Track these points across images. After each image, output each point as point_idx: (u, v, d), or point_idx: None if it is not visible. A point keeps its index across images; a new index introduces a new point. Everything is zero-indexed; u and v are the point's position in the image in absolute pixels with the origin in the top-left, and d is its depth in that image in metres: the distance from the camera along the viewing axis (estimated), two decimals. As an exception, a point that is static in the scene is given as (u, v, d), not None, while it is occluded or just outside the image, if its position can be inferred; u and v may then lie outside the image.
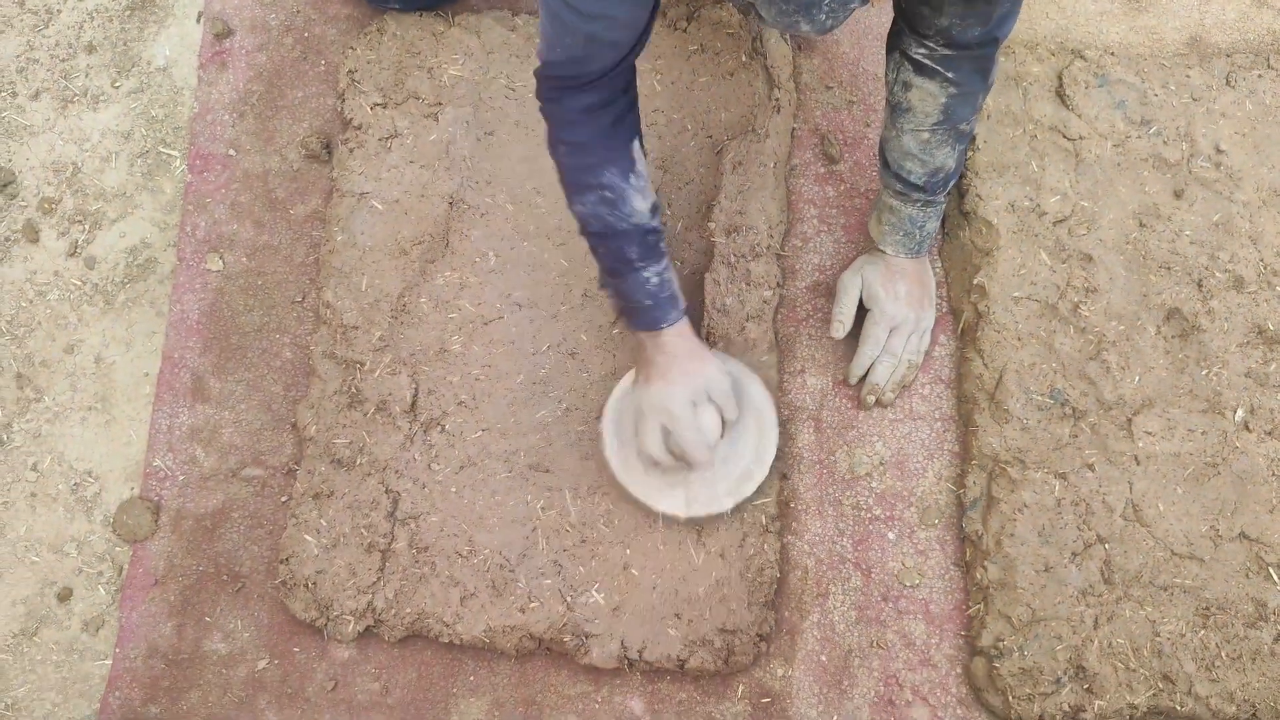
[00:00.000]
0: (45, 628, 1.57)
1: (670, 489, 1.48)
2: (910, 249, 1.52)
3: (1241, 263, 1.56)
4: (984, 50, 1.32)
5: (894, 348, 1.55)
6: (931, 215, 1.50)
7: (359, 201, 1.62)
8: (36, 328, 1.68)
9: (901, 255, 1.53)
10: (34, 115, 1.76)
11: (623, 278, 1.35)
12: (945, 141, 1.41)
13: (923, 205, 1.48)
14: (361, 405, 1.55)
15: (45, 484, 1.62)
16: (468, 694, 1.51)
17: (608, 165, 1.29)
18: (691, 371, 1.41)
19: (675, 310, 1.38)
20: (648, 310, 1.37)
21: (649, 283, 1.35)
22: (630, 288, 1.36)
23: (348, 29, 1.76)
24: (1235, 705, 1.44)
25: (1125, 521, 1.48)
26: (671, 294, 1.38)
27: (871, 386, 1.56)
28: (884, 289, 1.54)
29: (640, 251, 1.33)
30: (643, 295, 1.36)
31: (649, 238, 1.34)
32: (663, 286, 1.37)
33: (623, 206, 1.30)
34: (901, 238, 1.51)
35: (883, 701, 1.50)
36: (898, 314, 1.54)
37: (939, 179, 1.45)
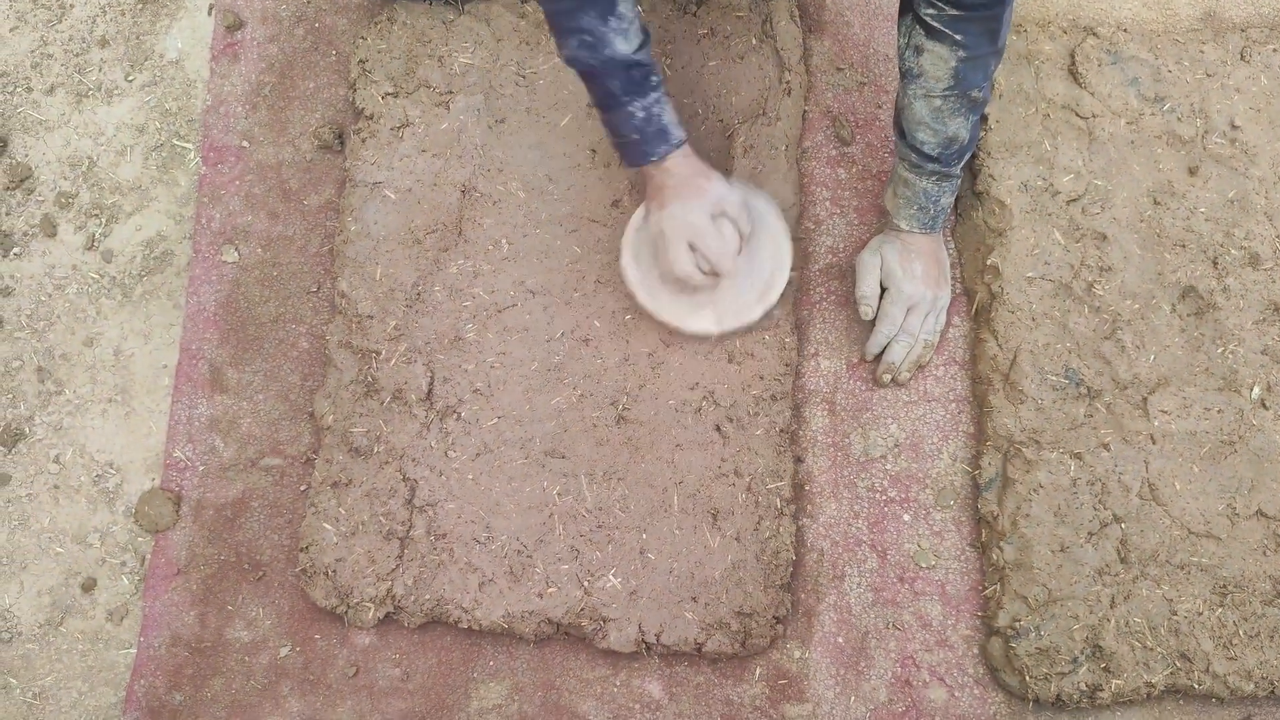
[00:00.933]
0: (70, 618, 1.59)
1: (698, 309, 1.53)
2: (925, 224, 1.52)
3: (1257, 239, 1.55)
4: (991, 11, 1.32)
5: (911, 327, 1.56)
6: (946, 190, 1.49)
7: (372, 191, 1.63)
8: (56, 321, 1.69)
9: (916, 230, 1.53)
10: (49, 110, 1.77)
11: (610, 112, 1.40)
12: (958, 110, 1.40)
13: (938, 179, 1.48)
14: (378, 394, 1.56)
15: (67, 476, 1.64)
16: (487, 679, 1.53)
17: (586, 9, 1.32)
18: (704, 188, 1.45)
19: (665, 144, 1.42)
20: (635, 145, 1.42)
21: (634, 117, 1.39)
22: (618, 122, 1.40)
23: (358, 19, 1.76)
24: (1253, 683, 1.44)
25: (1141, 501, 1.48)
26: (660, 129, 1.41)
27: (888, 365, 1.57)
28: (901, 268, 1.54)
29: (624, 86, 1.36)
30: (629, 129, 1.40)
31: (633, 72, 1.36)
32: (649, 121, 1.40)
33: (603, 49, 1.33)
34: (916, 211, 1.51)
35: (900, 682, 1.50)
36: (915, 293, 1.54)
37: (953, 150, 1.44)
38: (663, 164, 1.43)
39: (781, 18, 1.67)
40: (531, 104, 1.66)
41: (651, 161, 1.43)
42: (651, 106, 1.39)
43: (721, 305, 1.53)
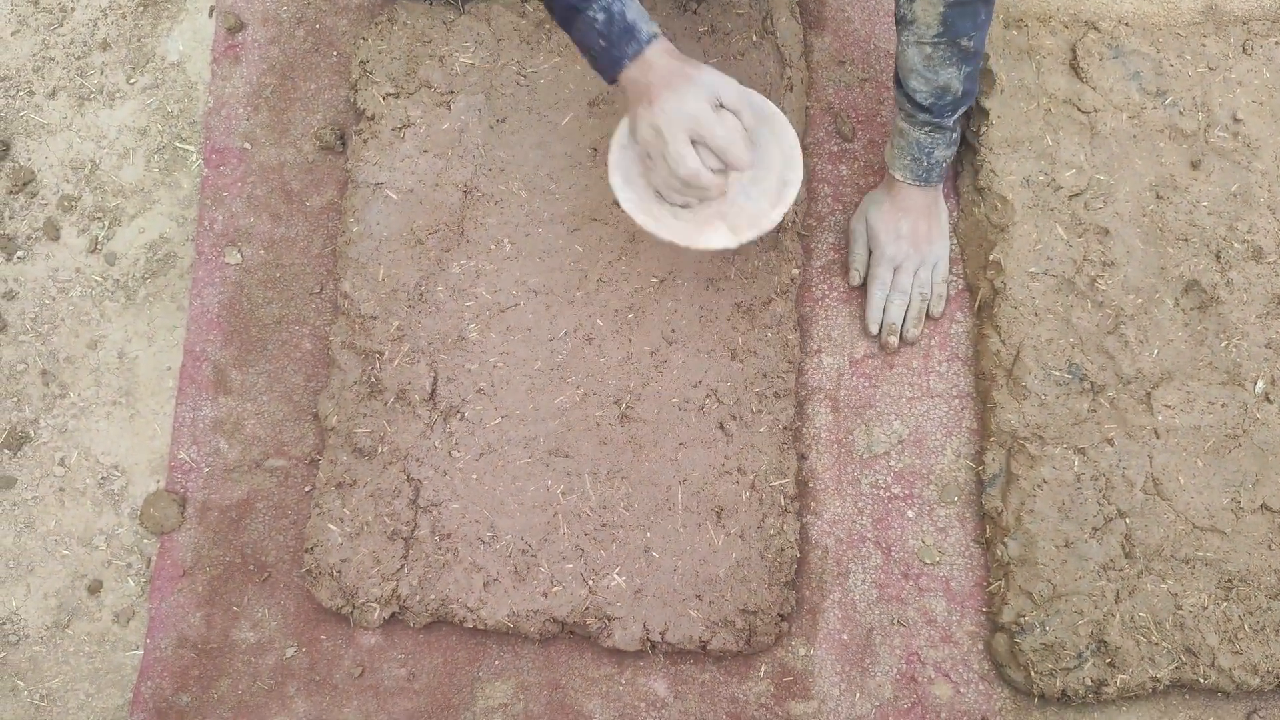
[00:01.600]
0: (77, 620, 1.60)
1: (708, 223, 1.38)
2: (918, 175, 1.52)
3: (1260, 233, 1.55)
4: None
5: (901, 285, 1.57)
6: (940, 142, 1.50)
7: (374, 192, 1.63)
8: (60, 324, 1.70)
9: (910, 182, 1.53)
10: (51, 114, 1.78)
11: (572, 25, 1.31)
12: (949, 59, 1.40)
13: (930, 129, 1.48)
14: (381, 395, 1.57)
15: (73, 479, 1.64)
16: (492, 678, 1.53)
17: None
18: (694, 76, 1.29)
19: (635, 42, 1.29)
20: (605, 51, 1.30)
21: (597, 21, 1.28)
22: (582, 33, 1.31)
23: (359, 19, 1.76)
24: (1259, 677, 1.43)
25: (1146, 495, 1.48)
26: (626, 27, 1.29)
27: (888, 326, 1.58)
28: (884, 229, 1.56)
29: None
30: (595, 37, 1.29)
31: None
32: (612, 22, 1.28)
33: None
34: (909, 162, 1.52)
35: (905, 678, 1.51)
36: (898, 253, 1.56)
37: (946, 101, 1.44)
38: (641, 60, 1.29)
39: (782, 14, 1.67)
40: (533, 103, 1.66)
41: (626, 66, 1.30)
42: (611, 6, 1.28)
43: (733, 214, 1.37)
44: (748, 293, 1.57)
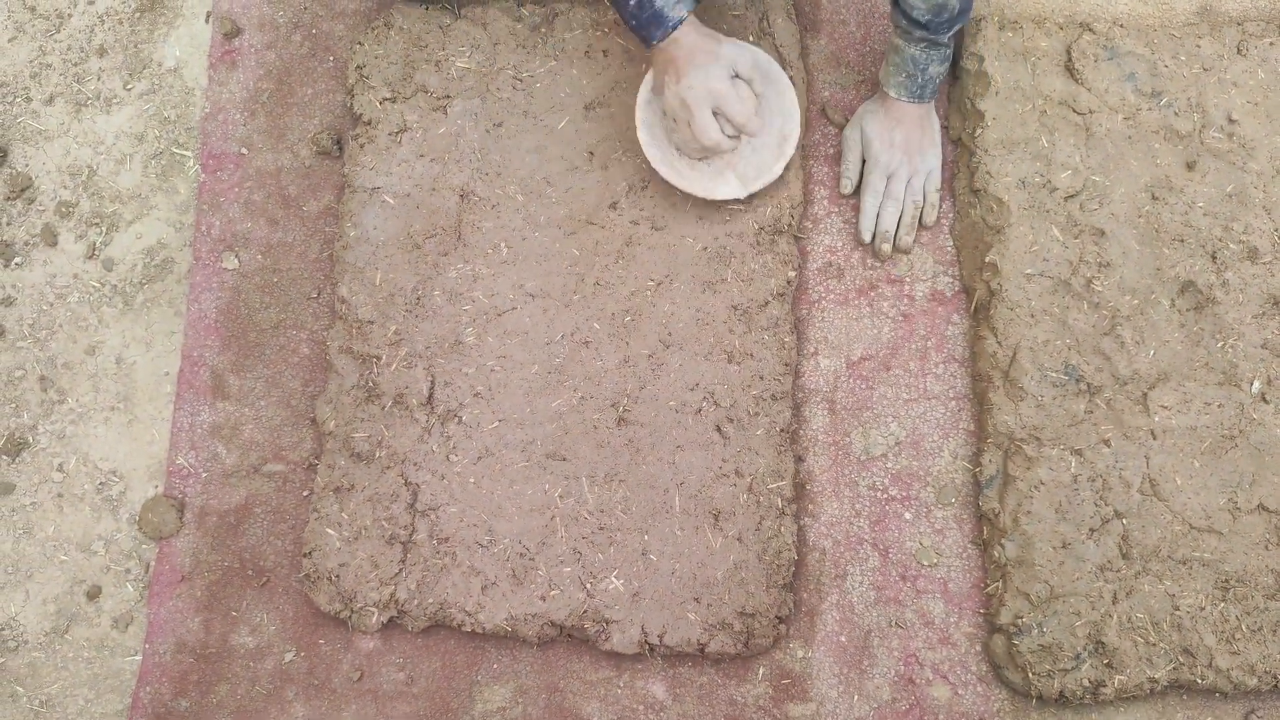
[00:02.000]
0: (76, 625, 1.60)
1: (720, 175, 1.56)
2: (913, 92, 1.55)
3: (1256, 233, 1.55)
4: None
5: (894, 193, 1.60)
6: (934, 58, 1.53)
7: (371, 196, 1.63)
8: (58, 330, 1.70)
9: (904, 99, 1.56)
10: (49, 120, 1.78)
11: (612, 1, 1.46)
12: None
13: (926, 45, 1.51)
14: (379, 399, 1.57)
15: (71, 484, 1.64)
16: (491, 681, 1.53)
17: None
18: (716, 53, 1.48)
19: (661, 29, 1.45)
20: (636, 30, 1.46)
21: (629, 5, 1.44)
22: (618, 10, 1.47)
23: (355, 24, 1.76)
24: (1257, 677, 1.44)
25: (1143, 496, 1.48)
26: (654, 14, 1.44)
27: (881, 234, 1.61)
28: (878, 138, 1.59)
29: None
30: (628, 16, 1.46)
31: None
32: (642, 8, 1.44)
33: None
34: (904, 79, 1.54)
35: (903, 680, 1.51)
36: (891, 161, 1.59)
37: (943, 19, 1.47)
38: (670, 39, 1.46)
39: (778, 15, 1.67)
40: (529, 107, 1.66)
41: (654, 45, 1.46)
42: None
43: (741, 167, 1.56)
44: (744, 295, 1.57)
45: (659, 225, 1.60)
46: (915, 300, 1.62)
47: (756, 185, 1.55)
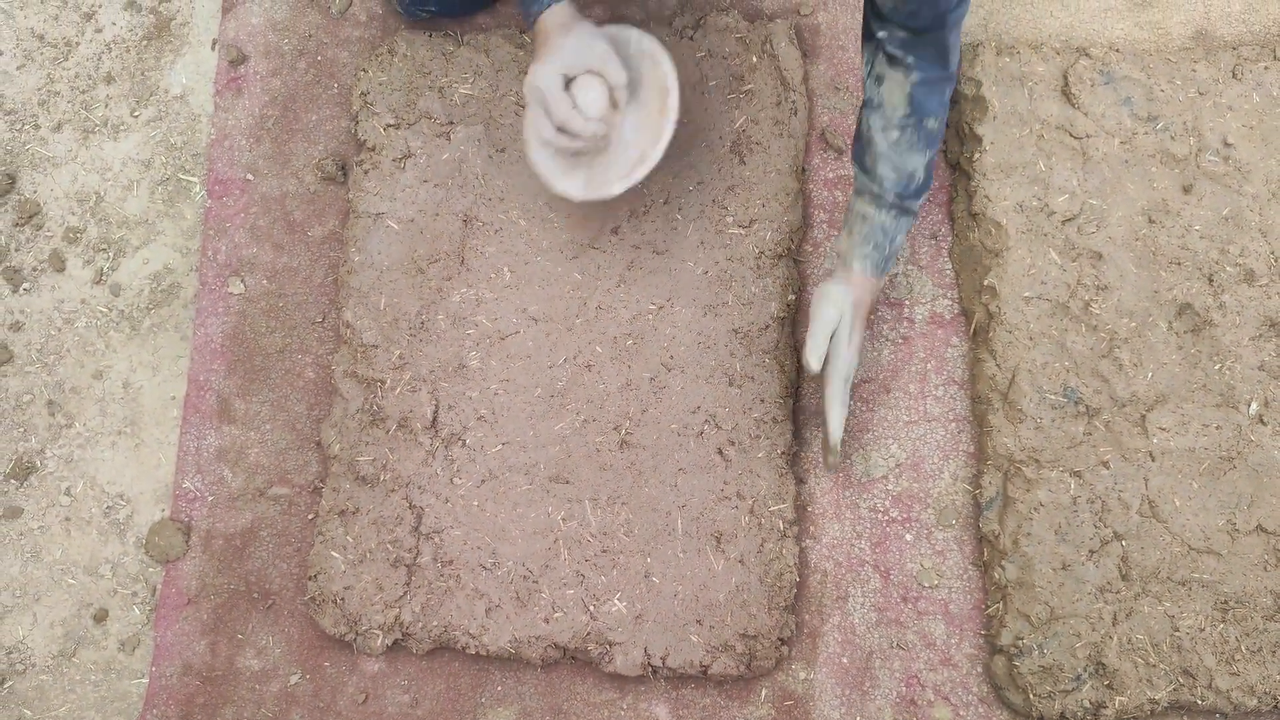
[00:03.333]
0: (83, 648, 1.61)
1: (573, 170, 1.50)
2: (877, 265, 1.47)
3: (1252, 256, 1.56)
4: (936, 33, 1.34)
5: (847, 398, 1.52)
6: (902, 227, 1.47)
7: (375, 222, 1.65)
8: (65, 355, 1.71)
9: (869, 273, 1.47)
10: (57, 147, 1.80)
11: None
12: (915, 144, 1.41)
13: (897, 213, 1.45)
14: (383, 423, 1.58)
15: (79, 508, 1.66)
16: (495, 704, 1.54)
17: None
18: (557, 46, 1.43)
19: (537, 4, 1.43)
20: (521, 4, 1.45)
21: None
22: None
23: (359, 51, 1.78)
24: (1257, 698, 1.44)
25: (1142, 518, 1.49)
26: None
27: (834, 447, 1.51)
28: (850, 334, 1.48)
29: None
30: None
31: None
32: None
33: None
34: (871, 250, 1.46)
35: (905, 702, 1.51)
36: (853, 362, 1.50)
37: (912, 189, 1.44)
38: (534, 27, 1.45)
39: (781, 39, 1.68)
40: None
41: (533, 23, 1.45)
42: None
43: (594, 172, 1.49)
44: (745, 319, 1.58)
45: (660, 250, 1.62)
46: (914, 323, 1.64)
47: (590, 195, 1.48)
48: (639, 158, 1.47)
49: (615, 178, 1.47)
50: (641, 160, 1.47)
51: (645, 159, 1.47)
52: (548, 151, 1.51)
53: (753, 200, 1.62)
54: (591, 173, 1.49)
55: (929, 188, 1.47)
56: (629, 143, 1.48)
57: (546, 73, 1.42)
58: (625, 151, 1.48)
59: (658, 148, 1.47)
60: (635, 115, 1.49)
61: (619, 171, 1.47)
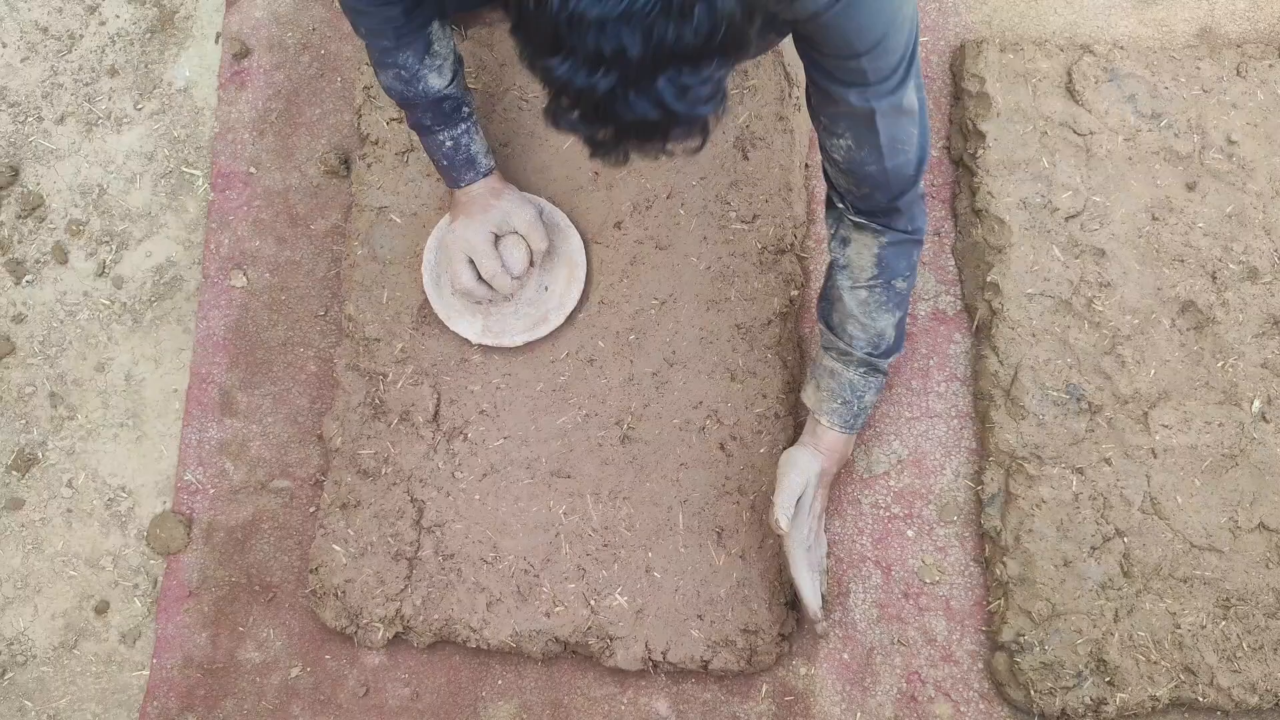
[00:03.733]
0: (84, 640, 1.61)
1: (470, 315, 1.58)
2: (847, 421, 1.44)
3: (1255, 254, 1.56)
4: (890, 219, 1.34)
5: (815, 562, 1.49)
6: (871, 386, 1.44)
7: (378, 215, 1.65)
8: (68, 347, 1.71)
9: (836, 428, 1.44)
10: (60, 139, 1.80)
11: (423, 138, 1.51)
12: (883, 304, 1.39)
13: (865, 371, 1.43)
14: (385, 416, 1.58)
15: (80, 500, 1.66)
16: (496, 697, 1.54)
17: (403, 48, 1.40)
18: (491, 206, 1.53)
19: (472, 172, 1.52)
20: (445, 170, 1.52)
21: (444, 145, 1.49)
22: (429, 148, 1.51)
23: (363, 45, 1.78)
24: (1258, 695, 1.44)
25: (1144, 515, 1.49)
26: (468, 157, 1.51)
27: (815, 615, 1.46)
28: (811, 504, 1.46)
29: (434, 118, 1.47)
30: (439, 156, 1.51)
31: (443, 105, 1.46)
32: (458, 150, 1.50)
33: (416, 84, 1.43)
34: (839, 406, 1.44)
35: (905, 698, 1.51)
36: (815, 529, 1.49)
37: (881, 349, 1.42)
38: (463, 189, 1.53)
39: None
40: (535, 128, 1.68)
41: (461, 187, 1.53)
42: (460, 137, 1.49)
43: (492, 320, 1.58)
44: (747, 314, 1.58)
45: (663, 244, 1.62)
46: (917, 319, 1.64)
47: (487, 341, 1.57)
48: (540, 318, 1.58)
49: (519, 330, 1.58)
50: (543, 320, 1.58)
51: (547, 320, 1.58)
52: (445, 289, 1.59)
53: (756, 195, 1.62)
54: (489, 320, 1.58)
55: (900, 349, 1.45)
56: (533, 300, 1.59)
57: (478, 228, 1.52)
58: (528, 307, 1.59)
59: (562, 313, 1.58)
60: (543, 278, 1.59)
61: (522, 325, 1.58)
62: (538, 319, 1.58)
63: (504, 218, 1.53)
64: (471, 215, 1.53)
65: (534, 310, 1.58)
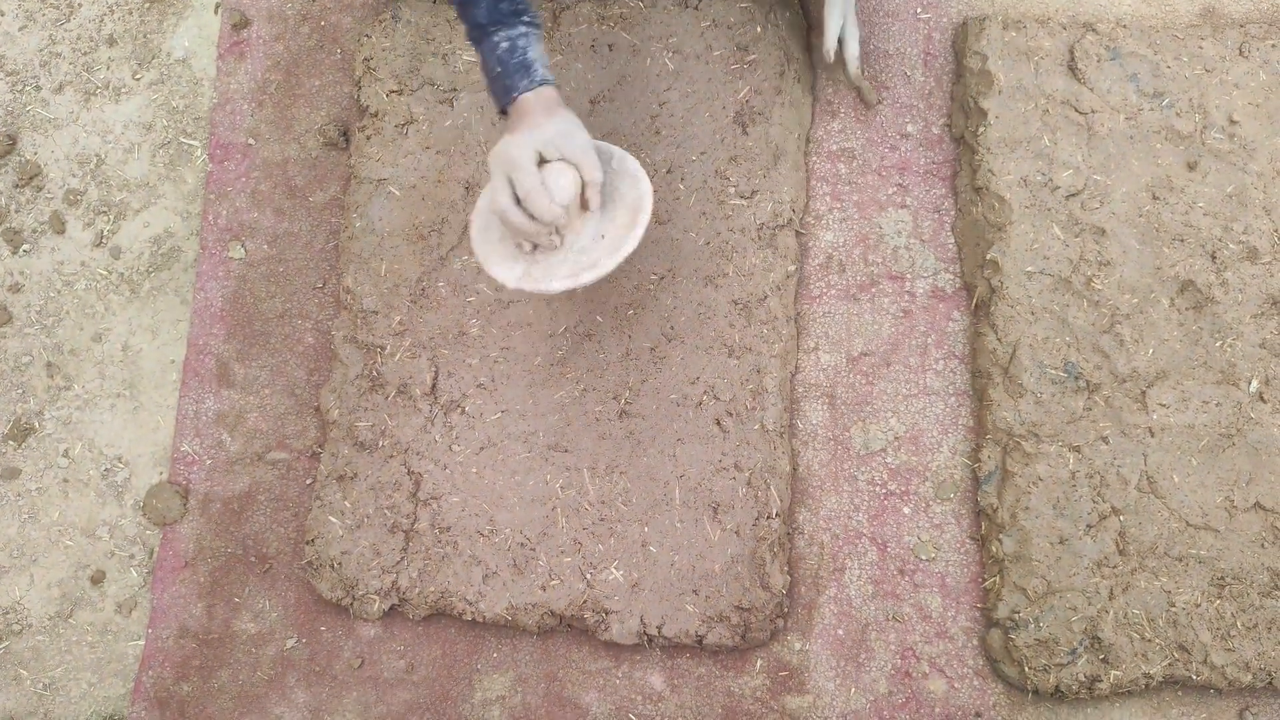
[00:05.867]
0: (80, 610, 1.61)
1: (512, 260, 1.41)
2: None
3: (1255, 234, 1.56)
4: None
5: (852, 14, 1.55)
6: None
7: (377, 188, 1.64)
8: (65, 317, 1.71)
9: None
10: (58, 108, 1.79)
11: (478, 44, 1.38)
12: None
13: None
14: (383, 389, 1.58)
15: (77, 470, 1.66)
16: (491, 670, 1.54)
17: None
18: (540, 124, 1.36)
19: (526, 79, 1.35)
20: (498, 81, 1.37)
21: (498, 48, 1.36)
22: (485, 54, 1.38)
23: (363, 17, 1.78)
24: (1251, 674, 1.44)
25: (1140, 493, 1.49)
26: (523, 62, 1.36)
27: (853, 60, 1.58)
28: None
29: (489, 13, 1.35)
30: (493, 63, 1.36)
31: (500, 5, 1.35)
32: (513, 52, 1.35)
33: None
34: None
35: (899, 674, 1.52)
36: None
37: None
38: (516, 103, 1.36)
39: (786, 9, 1.68)
40: (534, 101, 1.67)
41: (514, 99, 1.36)
42: (517, 39, 1.36)
43: (536, 267, 1.40)
44: (745, 290, 1.58)
45: (662, 219, 1.61)
46: (916, 297, 1.63)
47: (526, 286, 1.39)
48: (590, 264, 1.38)
49: (559, 276, 1.38)
50: (593, 266, 1.38)
51: (597, 266, 1.38)
52: (493, 234, 1.44)
53: (755, 171, 1.62)
54: (532, 268, 1.40)
55: None
56: (585, 248, 1.40)
57: (521, 144, 1.35)
58: (578, 255, 1.39)
59: (614, 258, 1.38)
60: (599, 225, 1.41)
61: (566, 271, 1.38)
62: (587, 264, 1.37)
63: (554, 138, 1.36)
64: (517, 131, 1.36)
65: (584, 258, 1.38)
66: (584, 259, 1.38)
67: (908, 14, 1.72)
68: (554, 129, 1.36)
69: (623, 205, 1.41)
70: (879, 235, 1.66)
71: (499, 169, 1.36)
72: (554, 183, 1.35)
